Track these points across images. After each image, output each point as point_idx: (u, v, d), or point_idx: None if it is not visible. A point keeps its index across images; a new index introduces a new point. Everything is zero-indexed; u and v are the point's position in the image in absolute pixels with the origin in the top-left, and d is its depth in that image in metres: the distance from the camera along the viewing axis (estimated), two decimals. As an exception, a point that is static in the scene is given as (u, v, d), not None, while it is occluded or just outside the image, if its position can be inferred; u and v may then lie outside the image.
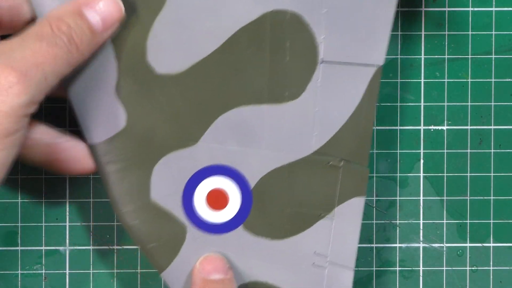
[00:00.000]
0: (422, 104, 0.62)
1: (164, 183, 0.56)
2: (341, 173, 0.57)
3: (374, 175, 0.62)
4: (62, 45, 0.50)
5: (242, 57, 0.55)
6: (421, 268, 0.62)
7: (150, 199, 0.56)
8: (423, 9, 0.61)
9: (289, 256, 0.57)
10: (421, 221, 0.62)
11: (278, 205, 0.57)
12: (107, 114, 0.55)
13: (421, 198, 0.62)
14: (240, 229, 0.57)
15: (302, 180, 0.57)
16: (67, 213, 0.61)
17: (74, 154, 0.55)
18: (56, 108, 0.61)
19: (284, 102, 0.56)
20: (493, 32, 0.62)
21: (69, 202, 0.61)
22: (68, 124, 0.61)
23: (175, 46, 0.55)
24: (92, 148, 0.55)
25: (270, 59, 0.55)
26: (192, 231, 0.56)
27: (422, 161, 0.62)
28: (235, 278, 0.57)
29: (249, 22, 0.55)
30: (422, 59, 0.61)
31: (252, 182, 0.57)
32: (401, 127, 0.62)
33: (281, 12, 0.55)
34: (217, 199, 0.57)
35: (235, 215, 0.57)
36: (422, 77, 0.62)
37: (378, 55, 0.56)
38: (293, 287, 0.57)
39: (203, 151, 0.56)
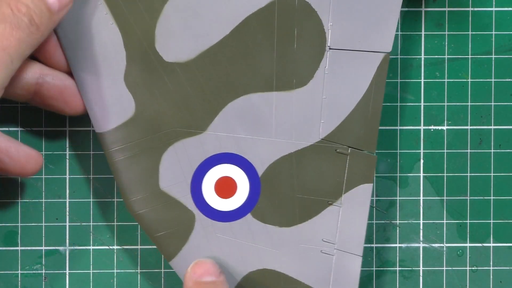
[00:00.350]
0: (422, 104, 0.62)
1: (173, 171, 0.57)
2: (348, 160, 0.57)
3: (374, 175, 0.62)
4: (24, 27, 0.50)
5: (251, 44, 0.56)
6: (421, 268, 0.62)
7: (159, 187, 0.57)
8: (423, 9, 0.61)
9: (297, 243, 0.58)
10: (421, 221, 0.62)
11: (286, 193, 0.57)
12: (115, 103, 0.56)
13: (421, 198, 0.62)
14: (248, 216, 0.57)
15: (309, 168, 0.57)
16: (67, 213, 0.61)
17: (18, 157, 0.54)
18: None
19: (292, 90, 0.57)
20: (493, 32, 0.62)
21: (69, 202, 0.61)
22: (68, 124, 0.61)
23: (184, 33, 0.55)
24: (100, 137, 0.56)
25: (278, 46, 0.56)
26: (200, 219, 0.57)
27: (422, 161, 0.62)
28: (243, 266, 0.58)
29: (258, 9, 0.56)
30: (422, 59, 0.62)
31: (260, 170, 0.57)
32: (401, 127, 0.62)
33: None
34: (225, 187, 0.57)
35: (243, 203, 0.57)
36: (422, 77, 0.62)
37: (386, 42, 0.56)
38: (301, 275, 0.58)
39: (211, 139, 0.56)
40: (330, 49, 0.56)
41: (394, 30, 0.56)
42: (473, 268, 0.63)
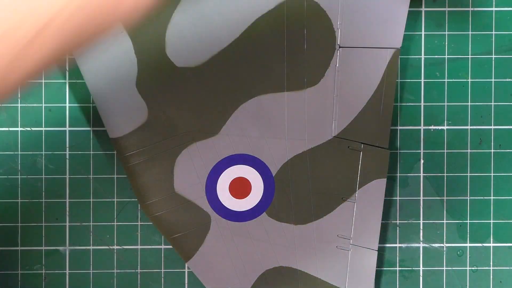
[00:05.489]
0: (422, 104, 0.62)
1: (187, 174, 0.58)
2: (361, 156, 0.58)
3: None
4: None
5: (261, 46, 0.58)
6: (421, 268, 0.63)
7: (174, 190, 0.58)
8: (423, 9, 0.62)
9: (313, 240, 0.59)
10: (421, 221, 0.62)
11: (300, 191, 0.59)
12: (128, 108, 0.58)
13: (421, 198, 0.62)
14: (263, 216, 0.59)
15: (323, 165, 0.59)
16: (67, 213, 0.61)
17: None
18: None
19: (303, 89, 0.58)
20: (493, 32, 0.62)
21: (69, 202, 0.61)
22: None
23: (194, 38, 0.57)
24: (114, 142, 0.58)
25: (289, 47, 0.58)
26: (216, 220, 0.59)
27: (422, 161, 0.62)
28: (260, 265, 0.59)
29: (267, 11, 0.57)
30: (422, 59, 0.62)
31: (274, 169, 0.59)
32: (401, 127, 0.62)
33: (298, 0, 0.56)
34: (240, 188, 0.59)
35: (258, 203, 0.59)
36: (422, 77, 0.62)
37: (396, 38, 0.58)
38: (318, 271, 0.59)
39: (225, 141, 0.58)
40: (340, 47, 0.57)
41: (403, 25, 0.57)
42: (473, 268, 0.63)
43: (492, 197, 0.63)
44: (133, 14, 0.44)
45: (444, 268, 0.63)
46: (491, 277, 0.63)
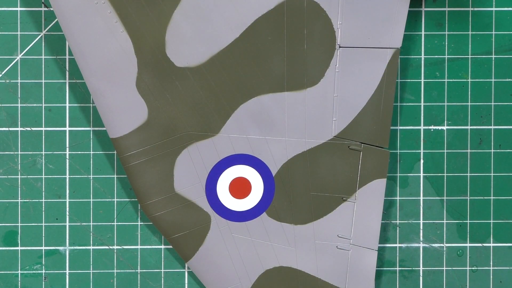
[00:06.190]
0: (422, 104, 0.62)
1: (187, 174, 0.58)
2: (361, 156, 0.58)
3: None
4: None
5: (261, 46, 0.58)
6: (421, 268, 0.63)
7: (174, 190, 0.58)
8: (423, 9, 0.62)
9: (313, 240, 0.60)
10: (421, 221, 0.63)
11: (300, 191, 0.59)
12: (128, 108, 0.58)
13: (421, 198, 0.62)
14: (263, 215, 0.59)
15: (323, 165, 0.59)
16: (67, 213, 0.61)
17: None
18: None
19: (303, 89, 0.58)
20: (493, 32, 0.62)
21: (69, 202, 0.61)
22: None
23: (194, 38, 0.57)
24: (114, 142, 0.58)
25: (289, 47, 0.58)
26: (216, 220, 0.59)
27: (422, 161, 0.62)
28: (260, 265, 0.59)
29: (267, 11, 0.57)
30: (422, 59, 0.62)
31: (274, 169, 0.59)
32: (401, 127, 0.62)
33: (298, 0, 0.56)
34: (240, 188, 0.59)
35: (258, 203, 0.59)
36: (422, 77, 0.62)
37: (395, 38, 0.58)
38: (318, 271, 0.59)
39: (225, 141, 0.58)
40: (340, 47, 0.58)
41: (403, 25, 0.58)
42: (473, 268, 0.63)
43: (492, 197, 0.63)
44: None
45: (444, 268, 0.63)
46: (491, 277, 0.63)
